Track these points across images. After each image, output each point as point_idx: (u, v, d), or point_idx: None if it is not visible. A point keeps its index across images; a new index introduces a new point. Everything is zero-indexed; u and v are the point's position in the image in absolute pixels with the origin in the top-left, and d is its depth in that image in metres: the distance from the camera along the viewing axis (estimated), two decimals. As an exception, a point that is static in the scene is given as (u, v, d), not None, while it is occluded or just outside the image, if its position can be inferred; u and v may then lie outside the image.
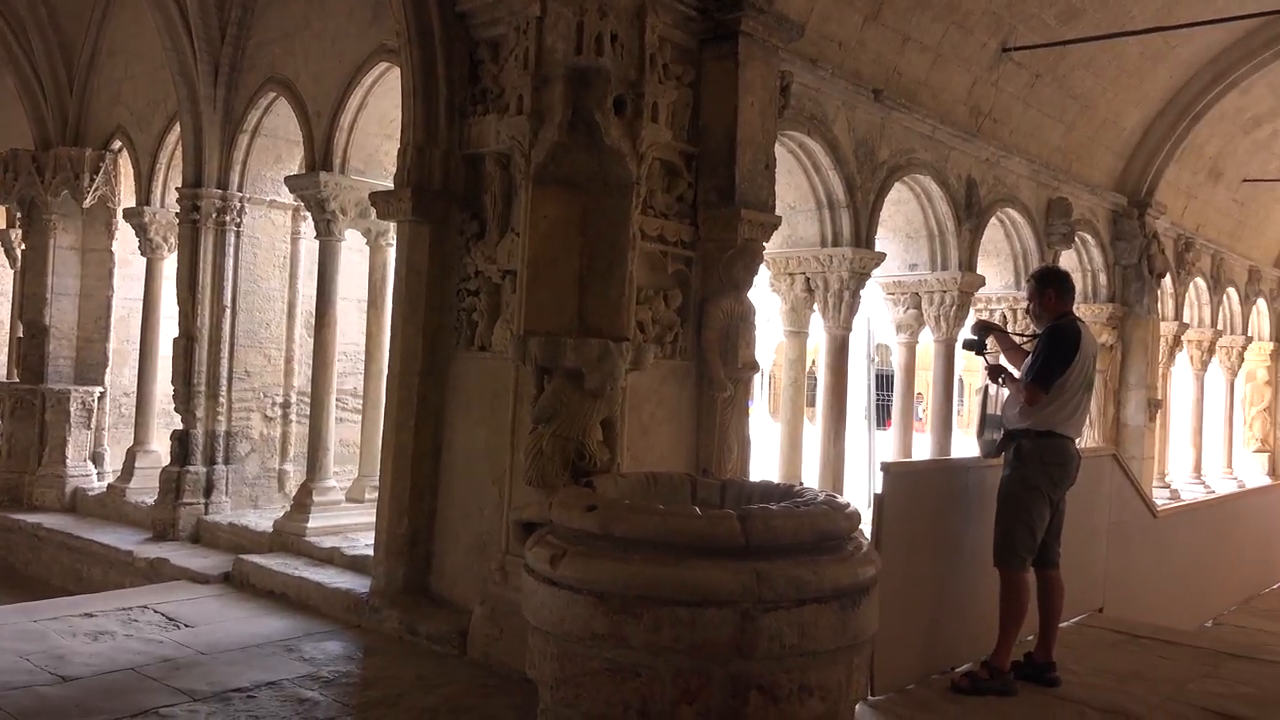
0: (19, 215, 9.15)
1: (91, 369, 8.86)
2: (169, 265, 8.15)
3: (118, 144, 8.74)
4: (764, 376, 24.53)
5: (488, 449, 5.14)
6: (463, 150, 5.37)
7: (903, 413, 8.34)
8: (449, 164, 5.35)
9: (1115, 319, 10.74)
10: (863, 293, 7.32)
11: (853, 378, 8.41)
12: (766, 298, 7.38)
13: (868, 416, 12.94)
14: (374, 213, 5.82)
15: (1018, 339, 5.39)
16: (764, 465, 7.75)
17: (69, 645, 4.93)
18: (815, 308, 7.35)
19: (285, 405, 7.71)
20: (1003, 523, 4.77)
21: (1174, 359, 12.47)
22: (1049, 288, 4.92)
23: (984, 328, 5.27)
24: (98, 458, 8.83)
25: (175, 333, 7.52)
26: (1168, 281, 11.75)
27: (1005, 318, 9.37)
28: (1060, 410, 4.72)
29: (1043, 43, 8.21)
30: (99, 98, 8.82)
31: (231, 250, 7.41)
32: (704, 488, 4.22)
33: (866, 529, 4.08)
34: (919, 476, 5.25)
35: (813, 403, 9.10)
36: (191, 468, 7.32)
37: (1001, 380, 4.97)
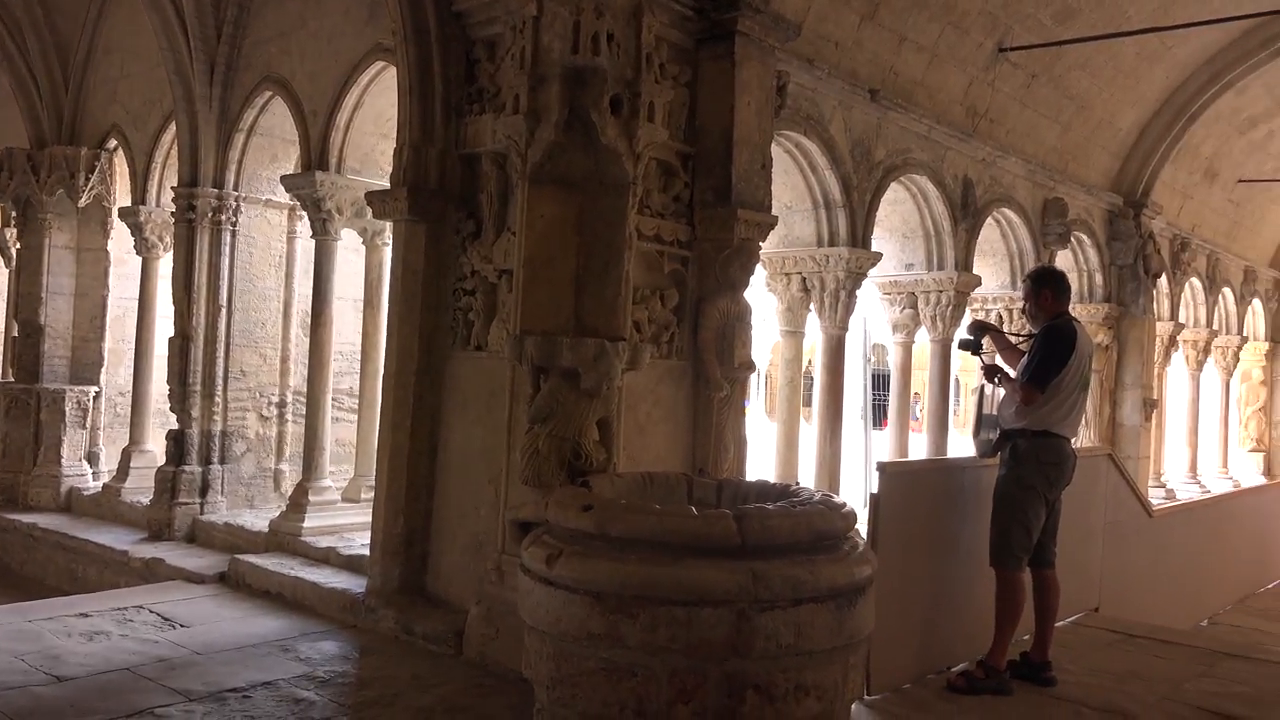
0: (14, 214, 9.12)
1: (87, 368, 8.84)
2: (165, 265, 8.14)
3: (113, 143, 8.72)
4: (760, 376, 24.53)
5: (484, 449, 5.14)
6: (459, 150, 5.36)
7: (899, 412, 8.34)
8: (445, 163, 5.35)
9: (1111, 319, 10.74)
10: (859, 292, 7.32)
11: (849, 378, 8.42)
12: (763, 297, 7.38)
13: (864, 416, 12.95)
14: (370, 212, 5.83)
15: (1014, 339, 5.40)
16: (760, 465, 7.75)
17: (64, 645, 4.92)
18: (811, 307, 7.35)
19: (281, 405, 7.70)
20: (999, 522, 4.78)
21: (1169, 359, 12.49)
22: (1045, 288, 4.93)
23: (980, 328, 5.28)
24: (93, 457, 8.82)
25: (171, 332, 7.51)
26: (1163, 282, 11.76)
27: (1001, 318, 9.38)
28: (1056, 410, 4.73)
29: (1039, 43, 8.21)
30: (94, 96, 8.80)
31: (227, 250, 7.40)
32: (700, 487, 4.22)
33: (863, 529, 4.08)
34: (915, 476, 5.25)
35: (809, 402, 9.11)
36: (187, 467, 7.31)
37: (998, 380, 4.98)
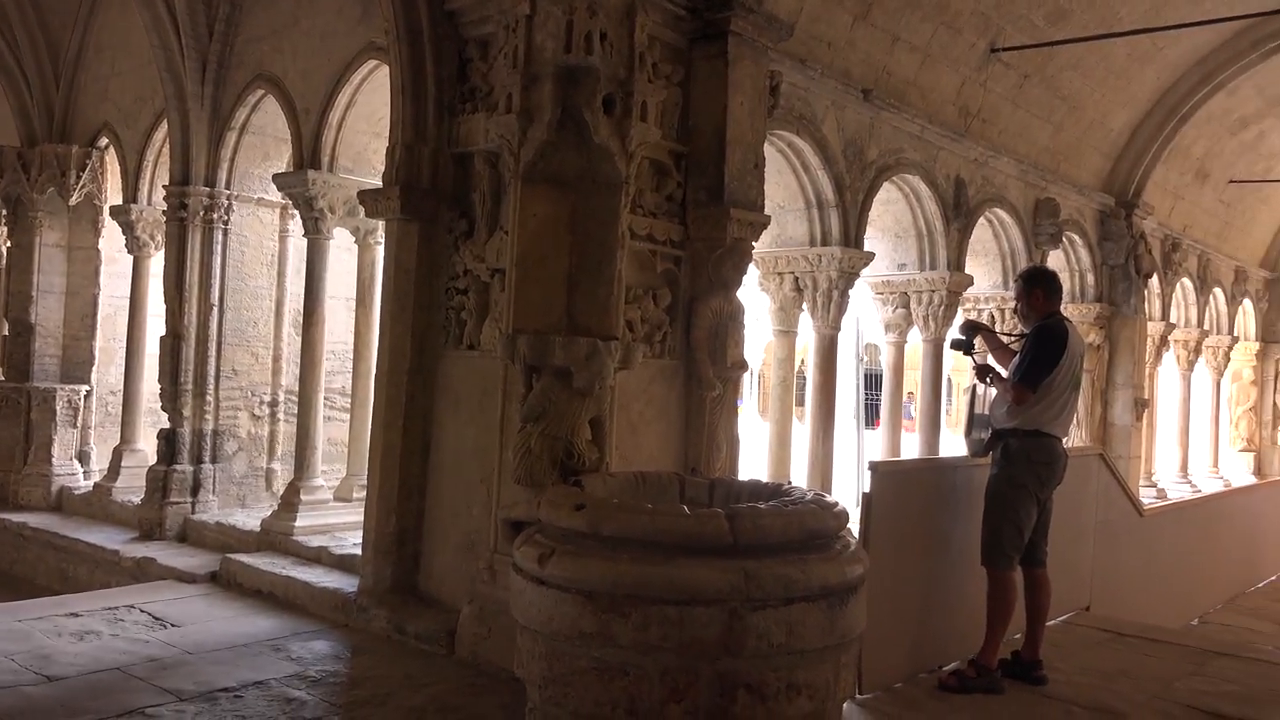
0: (4, 213, 9.09)
1: (78, 367, 8.81)
2: (156, 263, 8.11)
3: (104, 141, 8.70)
4: (753, 376, 24.58)
5: (476, 448, 5.13)
6: (452, 149, 5.36)
7: (891, 412, 8.35)
8: (438, 162, 5.34)
9: (1102, 319, 10.78)
10: (851, 292, 7.33)
11: (841, 377, 8.41)
12: (755, 297, 7.38)
13: (856, 416, 12.96)
14: (362, 211, 5.82)
15: (1005, 339, 5.41)
16: (753, 464, 7.76)
17: (54, 645, 4.90)
18: (804, 307, 7.36)
19: (273, 404, 7.68)
20: (990, 522, 4.79)
21: (1161, 359, 12.54)
22: (1037, 287, 4.94)
23: (972, 327, 5.29)
24: (84, 457, 8.79)
25: (162, 331, 7.48)
26: (1155, 282, 11.81)
27: (993, 317, 9.40)
28: (1047, 410, 4.75)
29: (1031, 43, 8.23)
30: (86, 94, 8.77)
31: (219, 248, 7.38)
32: (692, 487, 4.22)
33: (855, 528, 4.08)
34: (907, 476, 5.25)
35: (801, 402, 9.10)
36: (178, 467, 7.29)
37: (989, 380, 4.99)
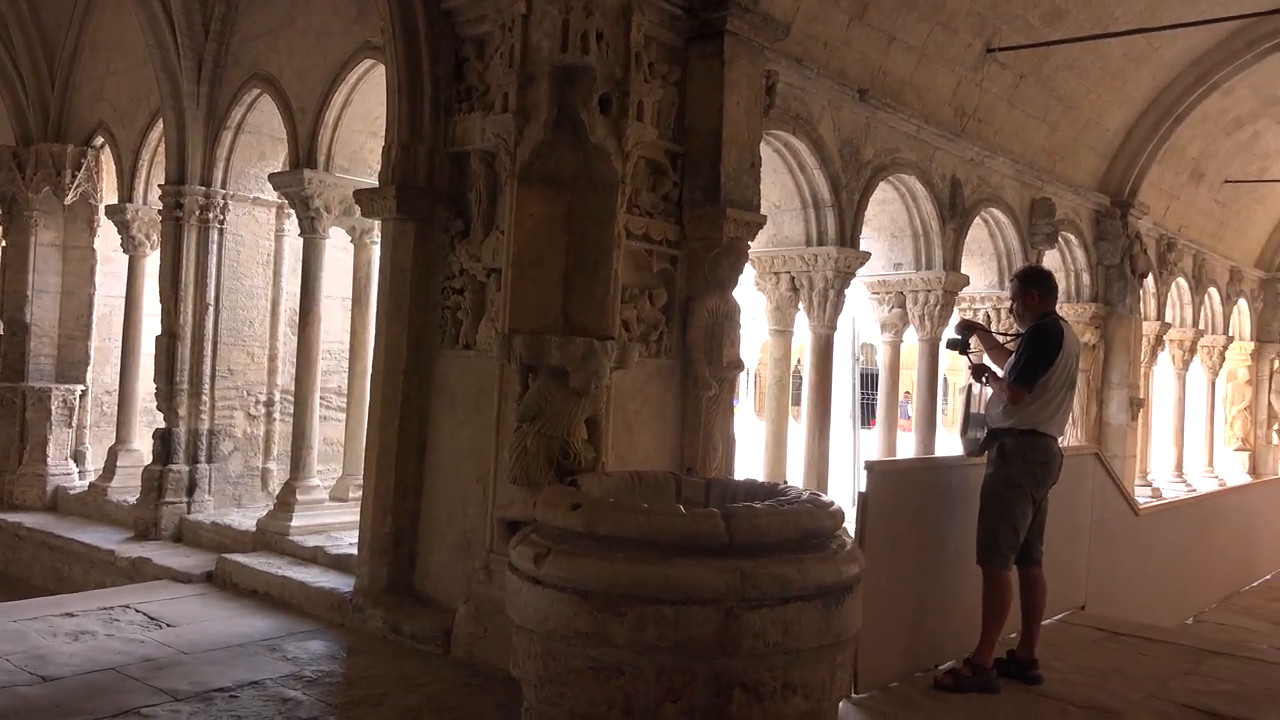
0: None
1: (73, 367, 8.80)
2: (152, 263, 8.10)
3: (100, 140, 8.68)
4: (749, 375, 24.55)
5: (472, 447, 5.13)
6: (448, 148, 5.35)
7: (887, 411, 8.36)
8: (434, 162, 5.34)
9: (1098, 318, 10.80)
10: (848, 292, 7.34)
11: (838, 377, 8.42)
12: (751, 297, 7.39)
13: (852, 415, 12.98)
14: (358, 210, 5.81)
15: (1001, 338, 5.41)
16: (749, 464, 7.78)
17: (49, 645, 4.89)
18: (800, 307, 7.36)
19: (269, 403, 7.67)
20: (986, 521, 4.79)
21: (1156, 358, 12.56)
22: (1032, 287, 4.95)
23: (968, 327, 5.29)
24: (79, 456, 8.77)
25: (158, 330, 7.47)
26: (1150, 281, 11.82)
27: (989, 317, 9.41)
28: (1043, 409, 4.75)
29: (1027, 44, 8.25)
30: (81, 93, 8.75)
31: (215, 248, 7.37)
32: (689, 486, 4.22)
33: (850, 527, 4.09)
34: (903, 475, 5.26)
35: (798, 401, 9.12)
36: (174, 466, 7.28)
37: (985, 379, 5.00)
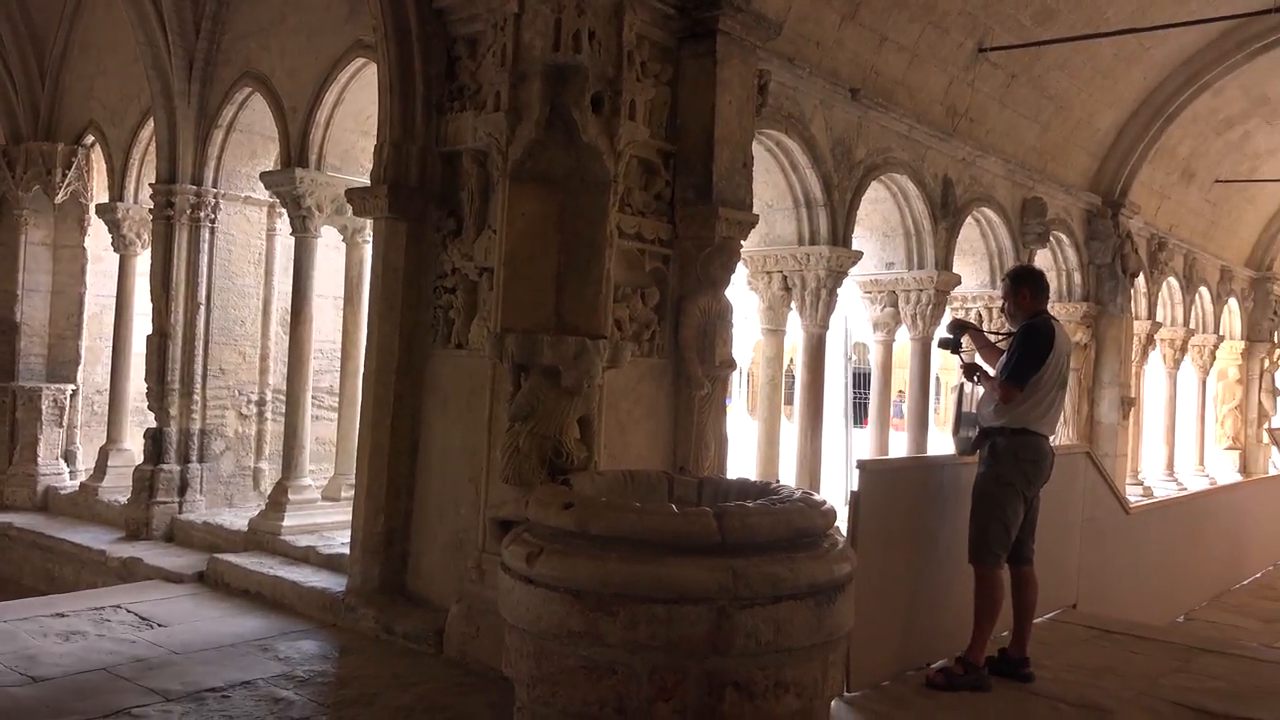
0: (-10, 210, 9.05)
1: (64, 366, 8.76)
2: (143, 262, 8.06)
3: (90, 139, 8.65)
4: (742, 374, 24.60)
5: (464, 447, 5.13)
6: (440, 147, 5.34)
7: (879, 410, 8.37)
8: (426, 161, 5.33)
9: (1089, 317, 10.83)
10: (840, 291, 7.35)
11: (830, 376, 8.44)
12: (744, 296, 7.39)
13: (845, 414, 13.00)
14: (350, 209, 5.80)
15: (993, 337, 5.43)
16: (741, 463, 7.77)
17: (40, 645, 4.88)
18: (793, 306, 7.37)
19: (260, 403, 7.65)
20: (978, 520, 4.80)
21: (1147, 357, 12.61)
22: (1024, 286, 4.97)
23: (959, 326, 5.31)
24: (70, 456, 8.73)
25: (149, 330, 7.44)
26: (1141, 281, 11.86)
27: (981, 316, 9.43)
28: (1035, 408, 4.76)
29: (1018, 43, 8.26)
30: (71, 92, 8.72)
31: (206, 247, 7.35)
32: (681, 485, 4.22)
33: (843, 526, 4.09)
34: (895, 474, 5.27)
35: (790, 401, 9.14)
36: (165, 466, 7.26)
37: (977, 378, 5.01)
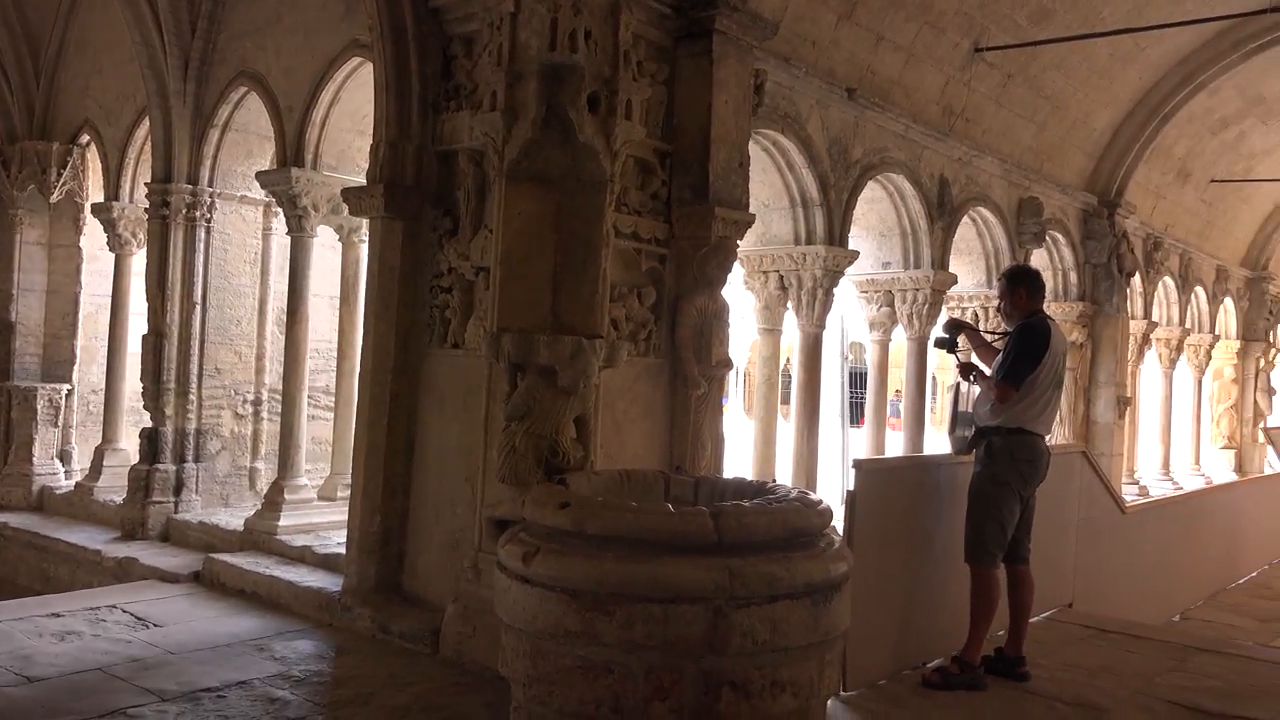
0: (-15, 210, 9.02)
1: (59, 366, 8.75)
2: (138, 261, 8.05)
3: (86, 138, 8.63)
4: (738, 374, 24.62)
5: (461, 446, 5.12)
6: (436, 146, 5.34)
7: (875, 410, 8.38)
8: (422, 160, 5.33)
9: (1085, 317, 10.84)
10: (836, 291, 7.35)
11: (826, 375, 8.43)
12: (740, 295, 7.39)
13: (841, 414, 12.99)
14: (346, 209, 5.79)
15: (989, 337, 5.43)
16: (738, 462, 7.77)
17: (35, 645, 4.87)
18: (789, 305, 7.37)
19: (256, 402, 7.64)
20: (974, 519, 4.81)
21: (1143, 357, 12.62)
22: (1020, 286, 4.97)
23: (955, 326, 5.31)
24: (65, 456, 8.72)
25: (144, 329, 7.42)
26: (1137, 280, 11.88)
27: (977, 316, 9.44)
28: (1030, 407, 4.77)
29: (1014, 43, 8.27)
30: (67, 91, 8.70)
31: (202, 246, 7.34)
32: (677, 485, 4.22)
33: (839, 525, 4.09)
34: (891, 473, 5.27)
35: (787, 400, 9.12)
36: (161, 466, 7.25)
37: (973, 378, 5.02)
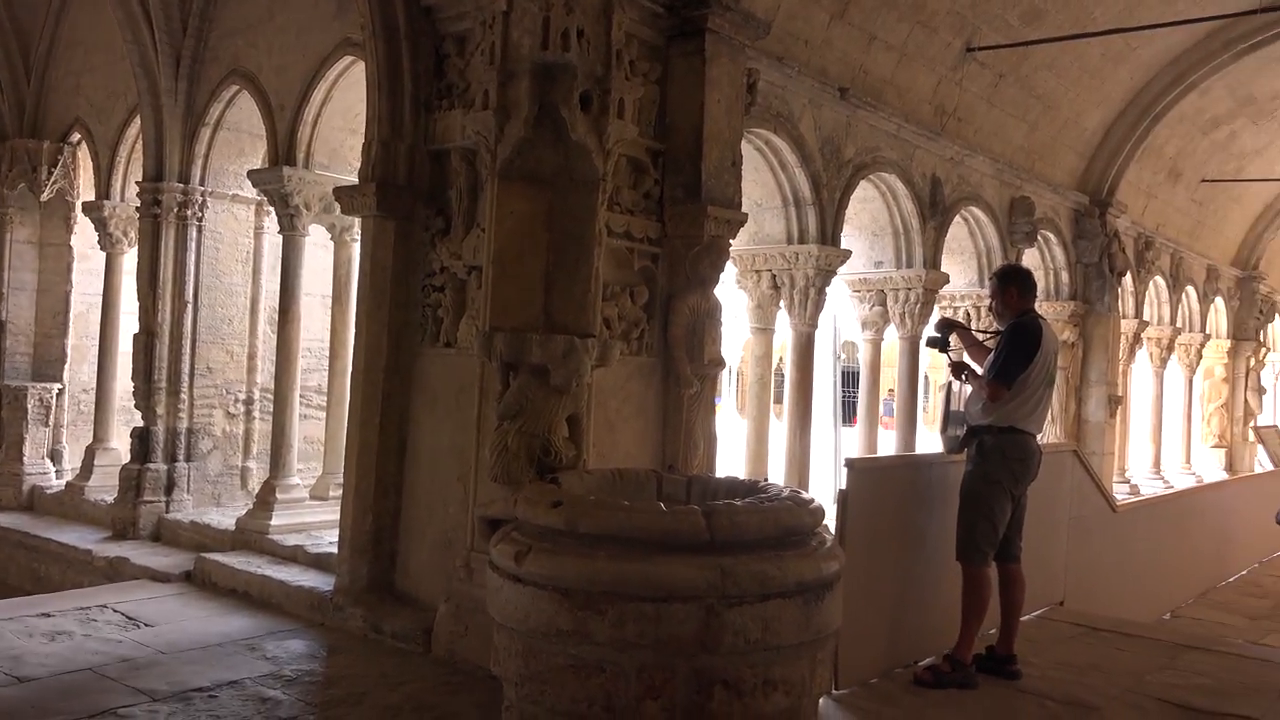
0: (-25, 208, 8.98)
1: (50, 365, 8.71)
2: (129, 260, 8.02)
3: (76, 136, 8.60)
4: (731, 373, 24.61)
5: (453, 446, 5.12)
6: (428, 145, 5.33)
7: (867, 409, 8.39)
8: (414, 159, 5.32)
9: (1076, 316, 10.87)
10: (829, 290, 7.36)
11: (819, 374, 8.45)
12: (733, 295, 7.40)
13: (834, 413, 13.00)
14: (338, 208, 5.79)
15: (980, 336, 5.45)
16: (730, 461, 7.77)
17: (25, 645, 4.85)
18: (781, 305, 7.38)
19: (248, 402, 7.62)
20: (965, 518, 4.82)
21: (1134, 356, 12.66)
22: (1011, 285, 4.98)
23: (947, 325, 5.33)
24: (56, 455, 8.68)
25: (135, 328, 7.40)
26: (1128, 280, 11.91)
27: (969, 315, 9.46)
28: (1022, 406, 4.78)
29: (1006, 43, 8.29)
30: (57, 89, 8.67)
31: (193, 245, 7.32)
32: (670, 484, 4.22)
33: (831, 524, 4.10)
34: (883, 472, 5.28)
35: (779, 399, 9.15)
36: (152, 465, 7.22)
37: (964, 377, 5.03)
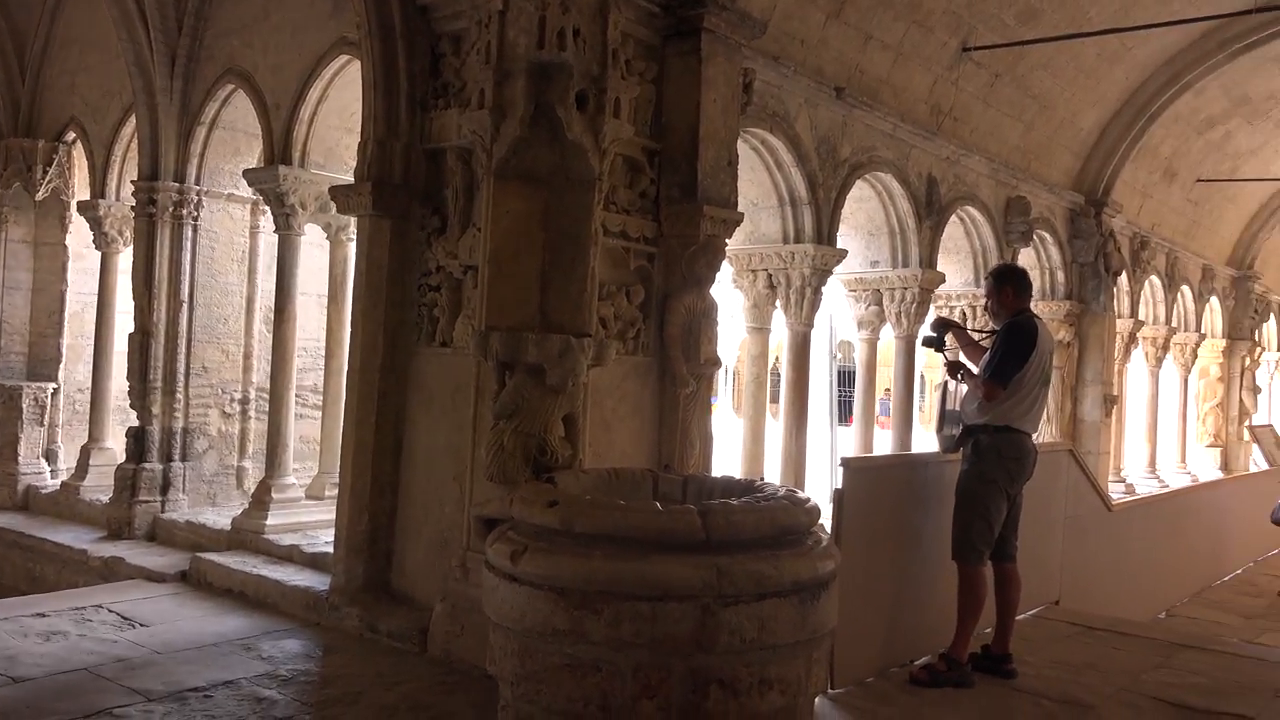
0: (-31, 208, 8.96)
1: (45, 364, 8.69)
2: (125, 259, 8.01)
3: (71, 135, 8.58)
4: (727, 372, 24.64)
5: (449, 445, 5.12)
6: (424, 144, 5.33)
7: (864, 408, 8.40)
8: (410, 158, 5.32)
9: (1072, 316, 10.89)
10: (825, 289, 7.36)
11: (815, 374, 8.45)
12: (729, 294, 7.41)
13: (830, 412, 13.01)
14: (334, 207, 5.78)
15: (976, 335, 5.46)
16: (726, 461, 7.78)
17: (20, 645, 4.84)
18: (777, 304, 7.38)
19: (244, 401, 7.61)
20: (961, 517, 4.83)
21: (1129, 356, 12.69)
22: (1007, 285, 4.99)
23: (943, 324, 5.34)
24: (51, 455, 8.66)
25: (131, 328, 7.39)
26: (1123, 279, 11.93)
27: (964, 314, 9.47)
28: (1018, 406, 4.79)
29: (1002, 43, 8.30)
30: (52, 88, 8.65)
31: (189, 244, 7.30)
32: (666, 483, 4.23)
33: (827, 524, 4.10)
34: (879, 471, 5.29)
35: (775, 399, 9.15)
36: (148, 465, 7.21)
37: (960, 376, 5.04)
